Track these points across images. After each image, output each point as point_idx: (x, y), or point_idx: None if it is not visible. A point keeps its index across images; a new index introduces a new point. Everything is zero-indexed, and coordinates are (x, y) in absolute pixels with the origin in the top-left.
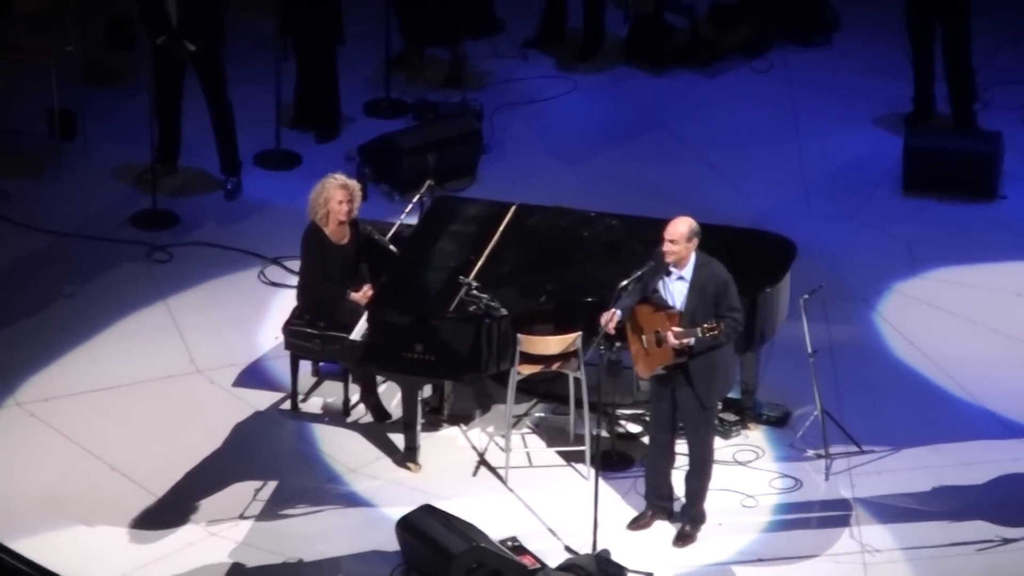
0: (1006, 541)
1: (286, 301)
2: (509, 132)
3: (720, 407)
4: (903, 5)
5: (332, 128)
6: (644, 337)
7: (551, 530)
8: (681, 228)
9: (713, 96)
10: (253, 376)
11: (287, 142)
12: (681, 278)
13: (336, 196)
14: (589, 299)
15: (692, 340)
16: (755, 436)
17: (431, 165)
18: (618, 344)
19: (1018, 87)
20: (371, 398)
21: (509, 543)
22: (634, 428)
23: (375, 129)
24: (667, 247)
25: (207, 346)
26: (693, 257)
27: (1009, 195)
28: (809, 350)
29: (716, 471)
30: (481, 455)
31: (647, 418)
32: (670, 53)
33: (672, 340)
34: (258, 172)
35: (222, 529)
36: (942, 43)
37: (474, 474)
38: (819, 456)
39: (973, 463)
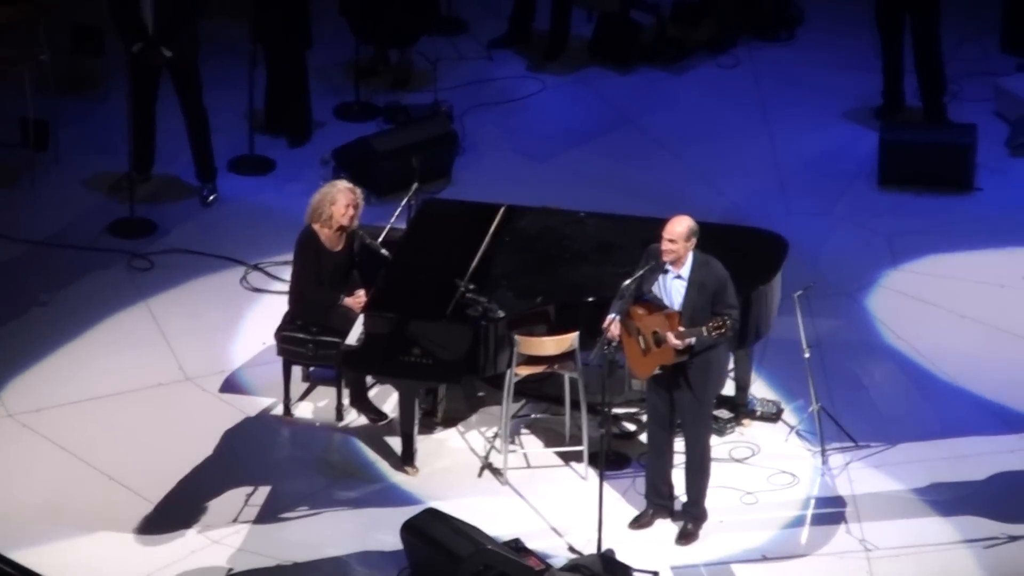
0: (1012, 539)
1: (270, 307)
2: (480, 133)
3: (714, 404)
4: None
5: (304, 132)
6: (641, 338)
7: (554, 529)
8: (680, 228)
9: (681, 93)
10: (243, 382)
11: (260, 147)
12: (679, 277)
13: (342, 200)
14: (589, 299)
15: (694, 340)
16: (749, 433)
17: (416, 167)
18: (615, 343)
19: (986, 79)
20: (362, 401)
21: (512, 545)
22: (629, 427)
23: (346, 133)
24: (666, 246)
25: (195, 353)
26: (691, 256)
27: (984, 186)
28: (804, 346)
29: (714, 468)
30: (479, 457)
31: (642, 417)
32: (637, 51)
33: (674, 340)
34: (232, 178)
35: (224, 536)
36: (912, 35)
37: (478, 476)
38: (816, 452)
39: (968, 455)
